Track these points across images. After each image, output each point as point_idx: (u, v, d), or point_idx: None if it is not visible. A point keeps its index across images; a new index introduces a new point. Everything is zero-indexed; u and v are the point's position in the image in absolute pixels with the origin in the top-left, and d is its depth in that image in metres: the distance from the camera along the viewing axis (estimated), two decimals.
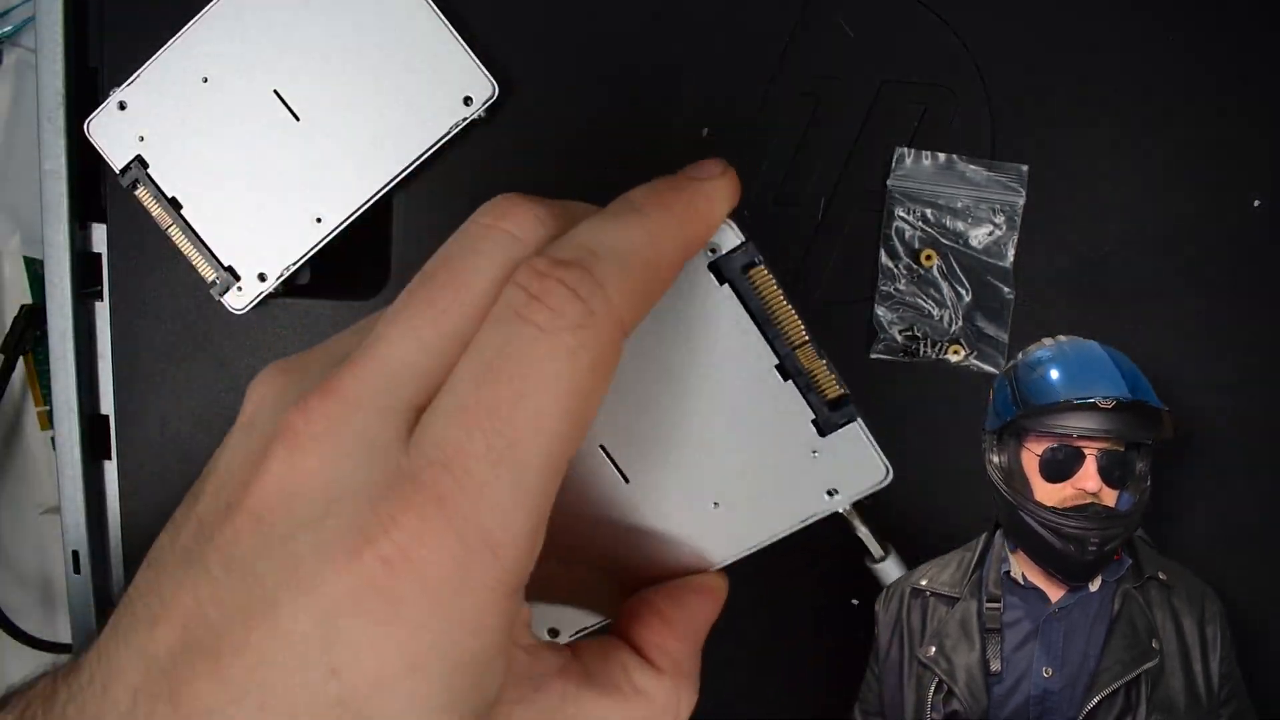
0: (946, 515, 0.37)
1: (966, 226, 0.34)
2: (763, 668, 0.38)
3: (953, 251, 0.34)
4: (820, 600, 0.38)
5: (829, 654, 0.38)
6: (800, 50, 0.34)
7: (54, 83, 0.34)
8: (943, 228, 0.34)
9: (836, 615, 0.38)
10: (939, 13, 0.33)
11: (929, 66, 0.35)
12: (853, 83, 0.34)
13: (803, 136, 0.35)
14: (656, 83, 0.35)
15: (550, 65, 0.35)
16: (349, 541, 0.20)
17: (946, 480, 0.36)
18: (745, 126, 0.35)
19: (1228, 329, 0.35)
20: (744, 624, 0.38)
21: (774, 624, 0.38)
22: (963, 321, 0.33)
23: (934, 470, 0.36)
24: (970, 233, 0.34)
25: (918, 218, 0.34)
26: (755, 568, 0.38)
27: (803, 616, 0.38)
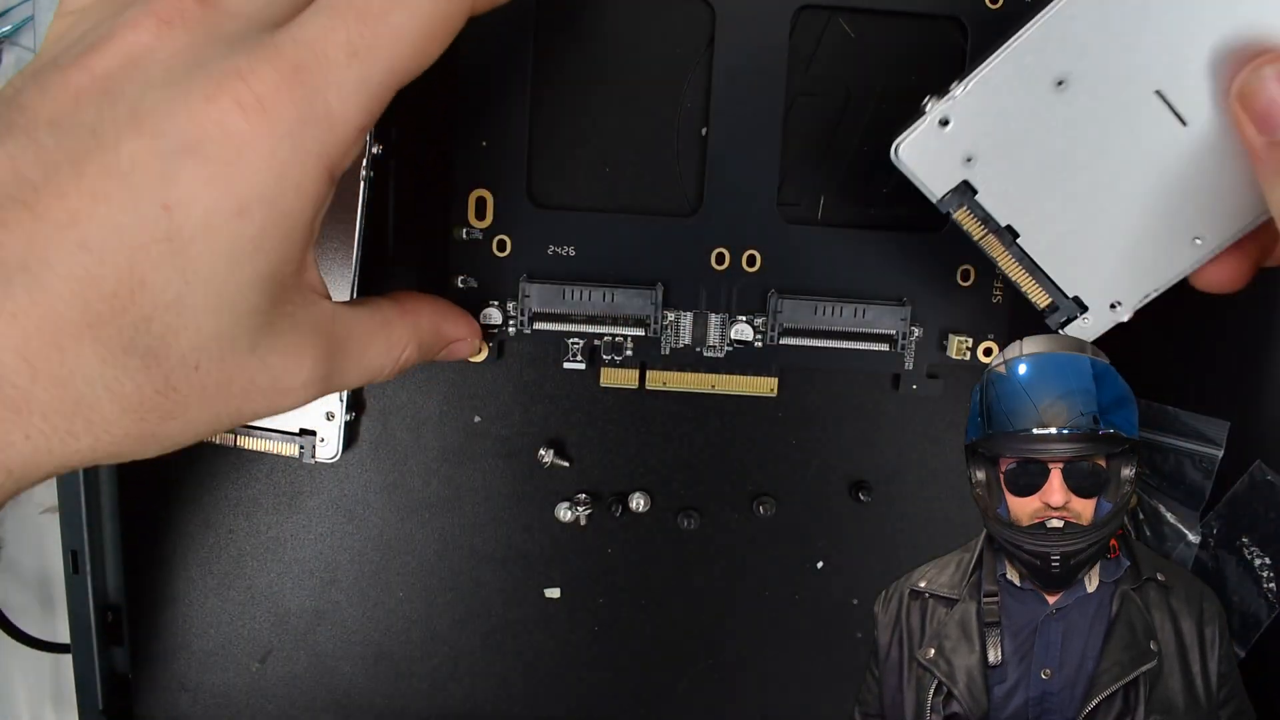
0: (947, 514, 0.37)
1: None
2: (762, 668, 0.38)
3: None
4: (820, 600, 0.38)
5: (828, 655, 0.38)
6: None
7: None
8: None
9: (836, 615, 0.38)
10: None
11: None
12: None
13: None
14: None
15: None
16: (207, 89, 0.22)
17: (947, 480, 0.36)
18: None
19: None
20: (744, 623, 0.38)
21: (773, 624, 0.38)
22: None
23: (935, 468, 0.36)
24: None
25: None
26: (755, 566, 0.38)
27: (802, 616, 0.38)
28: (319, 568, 0.38)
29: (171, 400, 0.23)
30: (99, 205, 0.21)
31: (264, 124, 0.22)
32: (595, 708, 0.39)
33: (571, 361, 0.35)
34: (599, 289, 0.34)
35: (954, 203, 0.29)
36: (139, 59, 0.23)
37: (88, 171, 0.21)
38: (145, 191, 0.22)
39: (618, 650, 0.38)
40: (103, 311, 0.21)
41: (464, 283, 0.34)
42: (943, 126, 0.28)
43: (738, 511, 0.37)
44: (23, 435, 0.22)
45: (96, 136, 0.22)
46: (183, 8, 0.23)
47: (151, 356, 0.22)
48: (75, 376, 0.21)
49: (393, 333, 0.29)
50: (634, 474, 0.37)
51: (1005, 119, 0.28)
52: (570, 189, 0.34)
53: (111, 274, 0.21)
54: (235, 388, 0.24)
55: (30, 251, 0.21)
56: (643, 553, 0.38)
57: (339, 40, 0.23)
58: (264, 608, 0.38)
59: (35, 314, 0.21)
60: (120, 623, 0.38)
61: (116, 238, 0.21)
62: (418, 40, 0.23)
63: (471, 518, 0.37)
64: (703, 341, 0.35)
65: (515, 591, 0.38)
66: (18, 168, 0.21)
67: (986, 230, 0.29)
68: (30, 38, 0.42)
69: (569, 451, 0.37)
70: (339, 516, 0.37)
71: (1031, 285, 0.29)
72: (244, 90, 0.22)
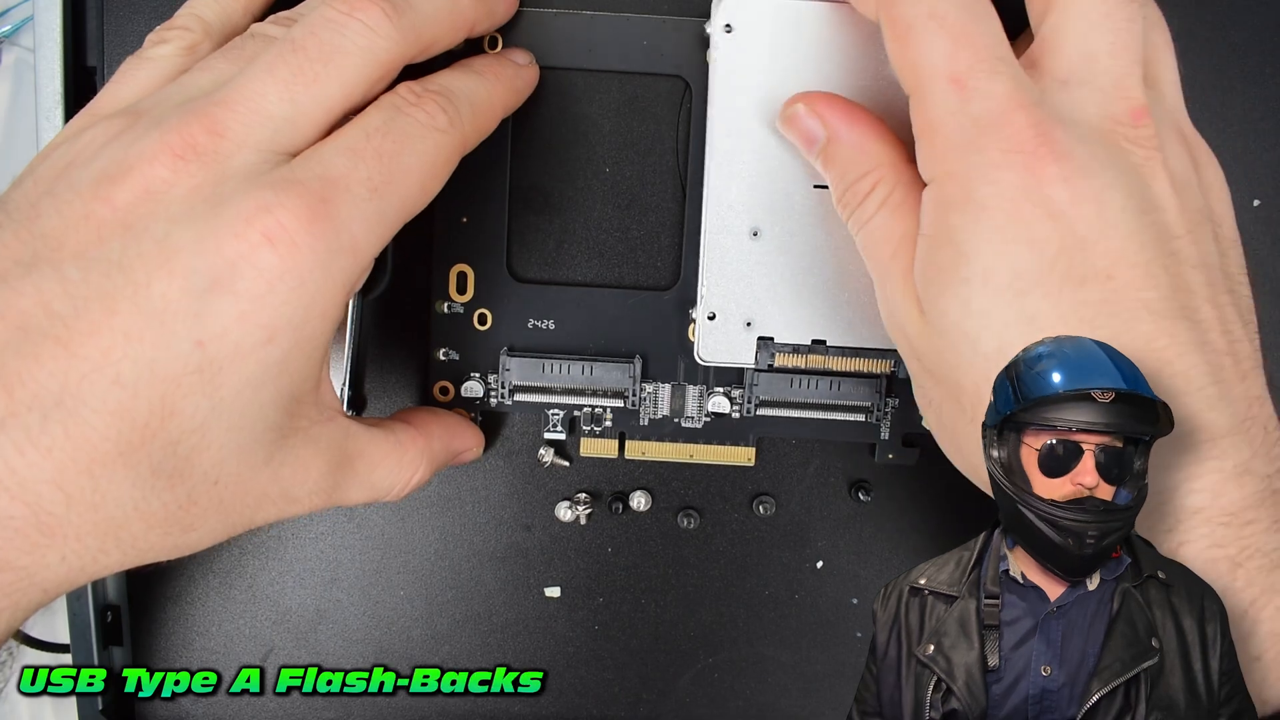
0: (947, 514, 0.37)
1: None
2: (762, 667, 0.38)
3: None
4: (819, 599, 0.38)
5: (828, 654, 0.38)
6: None
7: (52, 83, 0.34)
8: None
9: (836, 614, 0.38)
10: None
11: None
12: None
13: None
14: None
15: None
16: (235, 225, 0.23)
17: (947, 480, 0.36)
18: None
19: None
20: (743, 623, 0.38)
21: (773, 623, 0.38)
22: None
23: (935, 468, 0.36)
24: None
25: None
26: (755, 566, 0.38)
27: (802, 616, 0.38)
28: (320, 566, 0.38)
29: (192, 514, 0.24)
30: (132, 344, 0.22)
31: (293, 257, 0.23)
32: (595, 706, 0.39)
33: (551, 431, 0.35)
34: (578, 362, 0.34)
35: (765, 361, 0.33)
36: (158, 193, 0.23)
37: (120, 309, 0.22)
38: (178, 330, 0.22)
39: (618, 649, 0.38)
40: (134, 440, 0.22)
41: (445, 355, 0.35)
42: (712, 320, 0.32)
43: (738, 511, 0.37)
44: (59, 558, 0.22)
45: (125, 273, 0.22)
46: (194, 142, 0.23)
47: (178, 476, 0.23)
48: (107, 500, 0.22)
49: (405, 454, 0.30)
50: (634, 473, 0.37)
51: (745, 279, 0.32)
52: (549, 263, 0.34)
53: (144, 406, 0.22)
54: (250, 498, 0.25)
55: (65, 388, 0.21)
56: (643, 552, 0.38)
57: (361, 177, 0.24)
58: (265, 606, 0.38)
59: (70, 447, 0.21)
60: (120, 622, 0.38)
61: (150, 373, 0.22)
62: (424, 179, 0.26)
63: (472, 516, 0.37)
64: (681, 413, 0.35)
65: (515, 590, 0.38)
66: (46, 301, 0.22)
67: (803, 356, 0.33)
68: (30, 38, 0.42)
69: (569, 451, 0.37)
70: (340, 515, 0.38)
71: (868, 364, 0.33)
72: (273, 224, 0.23)
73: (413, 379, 0.36)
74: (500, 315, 0.34)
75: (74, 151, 0.25)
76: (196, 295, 0.22)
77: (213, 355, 0.22)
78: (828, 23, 0.30)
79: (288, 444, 0.25)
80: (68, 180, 0.24)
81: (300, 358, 0.24)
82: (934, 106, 0.25)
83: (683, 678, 0.39)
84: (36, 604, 0.23)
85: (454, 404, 0.35)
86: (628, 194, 0.34)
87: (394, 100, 0.26)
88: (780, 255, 0.32)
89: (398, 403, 0.36)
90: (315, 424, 0.26)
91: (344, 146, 0.25)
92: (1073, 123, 0.25)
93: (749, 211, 0.31)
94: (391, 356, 0.36)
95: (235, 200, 0.23)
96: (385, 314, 0.35)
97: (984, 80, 0.25)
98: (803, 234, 0.32)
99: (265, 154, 0.24)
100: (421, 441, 0.30)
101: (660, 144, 0.34)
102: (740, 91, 0.31)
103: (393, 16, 0.25)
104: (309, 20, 0.25)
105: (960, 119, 0.25)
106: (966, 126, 0.25)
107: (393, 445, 0.29)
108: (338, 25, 0.25)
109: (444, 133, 0.26)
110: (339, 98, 0.25)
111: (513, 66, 0.31)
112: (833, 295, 0.32)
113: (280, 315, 0.23)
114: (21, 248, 0.23)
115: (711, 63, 0.31)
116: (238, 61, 0.26)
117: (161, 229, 0.23)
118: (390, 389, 0.36)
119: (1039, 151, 0.24)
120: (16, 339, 0.21)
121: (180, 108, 0.24)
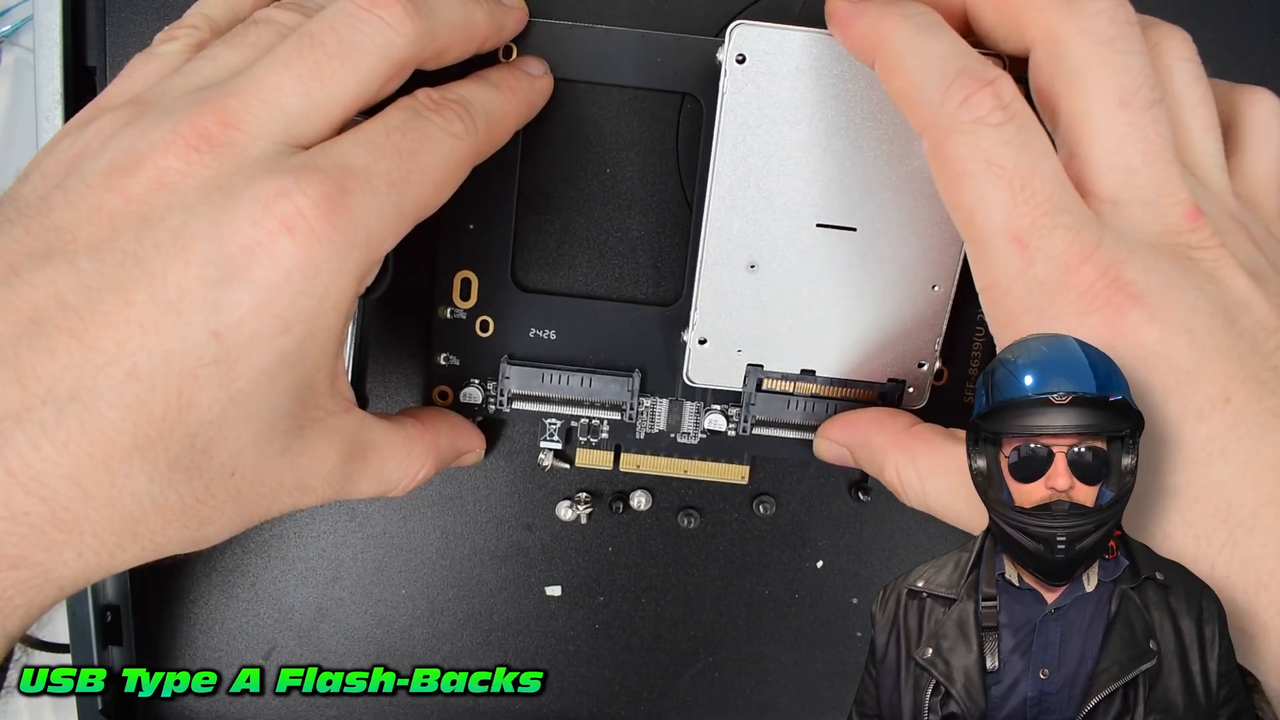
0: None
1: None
2: (762, 667, 0.38)
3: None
4: (819, 599, 0.38)
5: (828, 654, 0.38)
6: None
7: (52, 82, 0.34)
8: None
9: (836, 614, 0.38)
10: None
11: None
12: None
13: None
14: None
15: None
16: (252, 212, 0.22)
17: None
18: None
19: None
20: (743, 622, 0.38)
21: (773, 623, 0.38)
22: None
23: None
24: None
25: None
26: (755, 566, 0.38)
27: (802, 616, 0.38)
28: (322, 565, 0.38)
29: (209, 506, 0.24)
30: (148, 336, 0.22)
31: (310, 246, 0.23)
32: (595, 706, 0.39)
33: (548, 441, 0.35)
34: (577, 373, 0.34)
35: (753, 387, 0.33)
36: (171, 184, 0.23)
37: (135, 300, 0.22)
38: (194, 321, 0.22)
39: (618, 648, 0.38)
40: (151, 434, 0.22)
41: (446, 360, 0.35)
42: (703, 345, 0.32)
43: (738, 511, 0.37)
44: (75, 554, 0.22)
45: (140, 264, 0.22)
46: (208, 133, 0.23)
47: (195, 469, 0.23)
48: (124, 495, 0.22)
49: (413, 450, 0.30)
50: (634, 472, 0.37)
51: (739, 310, 0.32)
52: (553, 274, 0.34)
53: (161, 399, 0.22)
54: (266, 489, 0.25)
55: (80, 381, 0.21)
56: (643, 551, 0.38)
57: (380, 171, 0.24)
58: (267, 605, 0.38)
59: (86, 441, 0.21)
60: (120, 622, 0.38)
61: (166, 365, 0.22)
62: (439, 182, 0.26)
63: (473, 516, 0.37)
64: (677, 428, 0.35)
65: (516, 589, 0.38)
66: (60, 293, 0.22)
67: (792, 382, 0.33)
68: (30, 38, 0.42)
69: (569, 452, 0.37)
70: (342, 514, 0.38)
71: (858, 393, 0.33)
72: (292, 210, 0.23)
73: (413, 382, 0.36)
74: (502, 323, 0.34)
75: (81, 143, 0.25)
76: (213, 285, 0.22)
77: (229, 346, 0.22)
78: (844, 58, 0.29)
79: (304, 434, 0.25)
80: (78, 172, 0.24)
81: (315, 348, 0.24)
82: (997, 266, 0.24)
83: (683, 677, 0.39)
84: (52, 601, 0.23)
85: (452, 409, 0.35)
86: (635, 208, 0.34)
87: (413, 103, 0.26)
88: (777, 290, 0.32)
89: (398, 403, 0.36)
90: (331, 415, 0.26)
91: (364, 140, 0.25)
92: (1136, 246, 0.24)
93: (748, 245, 0.31)
94: (392, 358, 0.36)
95: (253, 186, 0.23)
96: (388, 316, 0.35)
97: (1045, 239, 0.23)
98: (802, 271, 0.32)
99: (280, 145, 0.24)
100: (429, 438, 0.31)
101: (669, 161, 0.34)
102: (749, 125, 0.30)
103: (414, 16, 0.25)
104: (328, 14, 0.25)
105: (1027, 283, 0.24)
106: (1035, 291, 0.24)
107: (403, 440, 0.29)
108: (358, 21, 0.25)
109: (460, 139, 0.26)
110: (354, 95, 0.25)
111: (527, 79, 0.31)
112: (827, 331, 0.32)
113: (295, 305, 0.23)
114: (33, 241, 0.22)
115: (722, 94, 0.30)
116: (243, 49, 0.26)
117: (178, 219, 0.22)
118: (390, 390, 0.36)
119: (1115, 299, 0.23)
120: (30, 332, 0.21)
121: (191, 98, 0.24)
